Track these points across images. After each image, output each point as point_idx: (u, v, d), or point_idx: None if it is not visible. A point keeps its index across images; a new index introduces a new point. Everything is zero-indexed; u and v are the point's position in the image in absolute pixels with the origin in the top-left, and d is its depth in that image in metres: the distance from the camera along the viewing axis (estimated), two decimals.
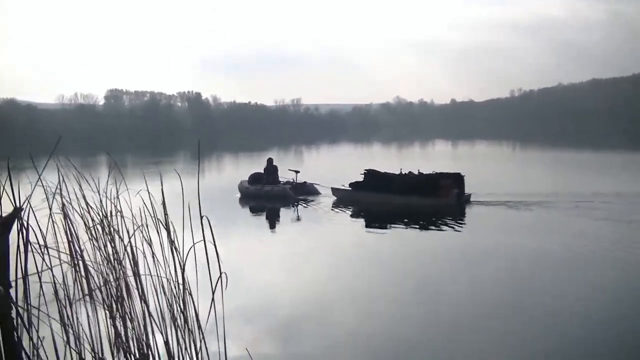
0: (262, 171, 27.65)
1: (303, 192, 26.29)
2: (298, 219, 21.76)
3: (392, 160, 50.38)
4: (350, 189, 24.99)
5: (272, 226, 21.07)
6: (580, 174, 35.94)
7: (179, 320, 4.79)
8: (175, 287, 4.88)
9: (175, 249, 4.82)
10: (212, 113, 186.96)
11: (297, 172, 27.40)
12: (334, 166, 26.59)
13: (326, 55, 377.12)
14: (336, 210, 22.97)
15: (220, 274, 4.50)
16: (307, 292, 11.84)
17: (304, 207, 23.84)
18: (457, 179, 23.24)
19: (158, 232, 4.98)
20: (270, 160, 28.12)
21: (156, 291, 4.95)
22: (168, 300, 4.87)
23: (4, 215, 4.17)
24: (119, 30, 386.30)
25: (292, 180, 27.08)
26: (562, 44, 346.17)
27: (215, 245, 4.62)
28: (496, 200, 22.83)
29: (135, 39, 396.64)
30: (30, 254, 4.23)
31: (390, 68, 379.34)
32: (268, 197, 25.38)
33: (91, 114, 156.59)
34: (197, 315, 4.73)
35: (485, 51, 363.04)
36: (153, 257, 5.06)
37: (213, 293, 4.42)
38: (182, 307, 4.72)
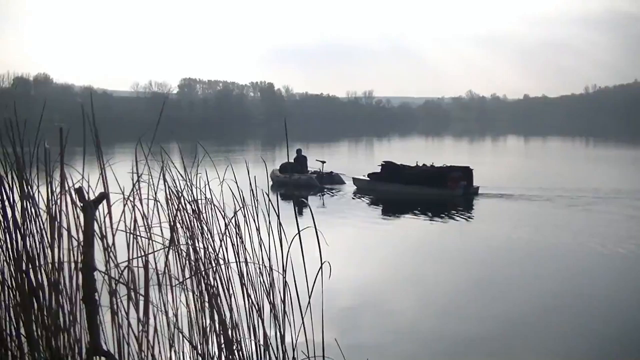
0: (293, 161, 29.27)
1: (329, 181, 28.02)
2: (323, 205, 23.24)
3: (457, 154, 50.48)
4: (368, 179, 26.73)
5: (300, 213, 21.80)
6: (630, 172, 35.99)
7: (277, 311, 4.72)
8: (267, 277, 4.86)
9: (280, 237, 4.73)
10: (285, 103, 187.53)
11: (323, 162, 29.30)
12: (398, 157, 27.73)
13: (394, 48, 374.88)
14: (356, 199, 24.67)
15: (322, 263, 4.46)
16: (360, 282, 12.28)
17: (330, 195, 25.54)
18: (466, 172, 24.70)
19: (247, 221, 4.98)
20: (299, 151, 30.05)
21: (251, 280, 4.91)
22: (266, 290, 4.84)
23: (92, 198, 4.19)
24: (192, 21, 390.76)
25: (319, 170, 28.86)
26: (636, 39, 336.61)
27: (317, 232, 4.52)
28: (504, 193, 24.08)
29: (207, 29, 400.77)
30: (122, 238, 4.35)
31: (461, 62, 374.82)
32: (296, 185, 26.62)
33: (164, 102, 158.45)
34: (299, 302, 4.63)
35: (558, 46, 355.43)
36: (244, 245, 5.04)
37: (313, 283, 4.39)
38: (282, 296, 4.66)
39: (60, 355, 4.12)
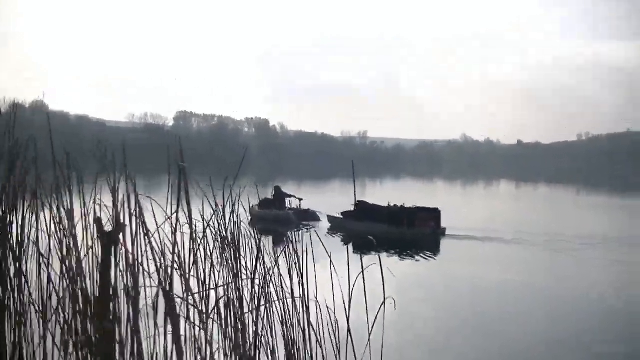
0: (272, 197, 30.60)
1: (305, 218, 29.08)
2: (299, 241, 23.45)
3: (443, 196, 51.06)
4: (342, 217, 27.78)
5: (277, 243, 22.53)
6: (594, 218, 37.07)
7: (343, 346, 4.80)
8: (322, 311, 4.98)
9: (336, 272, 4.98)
10: (279, 140, 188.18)
11: (300, 199, 30.47)
12: (385, 199, 28.58)
13: (389, 90, 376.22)
14: (330, 235, 25.19)
15: (385, 298, 4.60)
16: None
17: (305, 231, 25.39)
18: (435, 213, 26.03)
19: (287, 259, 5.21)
20: (277, 188, 31.23)
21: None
22: (322, 324, 4.96)
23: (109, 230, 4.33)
24: (190, 56, 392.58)
25: (297, 207, 30.13)
26: (629, 89, 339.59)
27: (382, 268, 4.65)
28: (470, 235, 25.01)
29: (205, 64, 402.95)
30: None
31: (455, 106, 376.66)
32: (274, 220, 27.45)
33: (160, 134, 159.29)
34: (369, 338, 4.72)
35: (552, 93, 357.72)
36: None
37: (375, 319, 4.55)
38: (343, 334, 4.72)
39: None
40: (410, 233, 25.40)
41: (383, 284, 4.66)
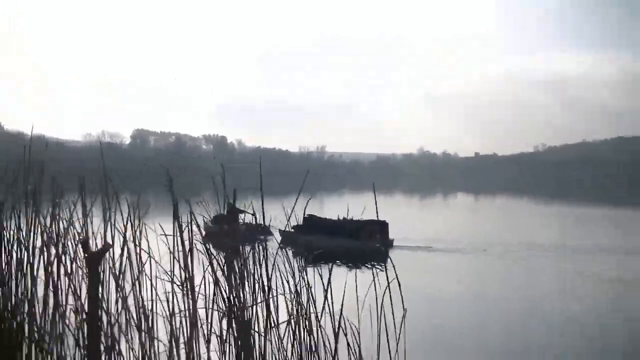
0: (225, 213, 30.12)
1: (258, 232, 28.45)
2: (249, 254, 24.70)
3: (397, 208, 51.30)
4: (292, 230, 27.26)
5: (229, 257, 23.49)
6: (548, 227, 37.65)
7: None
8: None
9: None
10: (237, 157, 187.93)
11: (253, 214, 29.81)
12: (342, 212, 29.16)
13: (345, 106, 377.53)
14: (282, 248, 25.24)
15: (405, 310, 4.90)
16: None
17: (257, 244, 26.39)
18: (381, 226, 26.68)
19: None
20: (230, 204, 30.72)
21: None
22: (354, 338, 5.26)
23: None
24: (146, 72, 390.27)
25: (249, 222, 29.49)
26: (580, 101, 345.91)
27: (398, 281, 5.00)
28: (421, 245, 26.22)
29: (162, 80, 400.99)
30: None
31: (412, 120, 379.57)
32: (227, 235, 27.28)
33: (118, 152, 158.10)
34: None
35: (508, 106, 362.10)
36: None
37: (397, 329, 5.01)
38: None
39: None
40: (357, 245, 25.89)
41: (401, 297, 5.24)
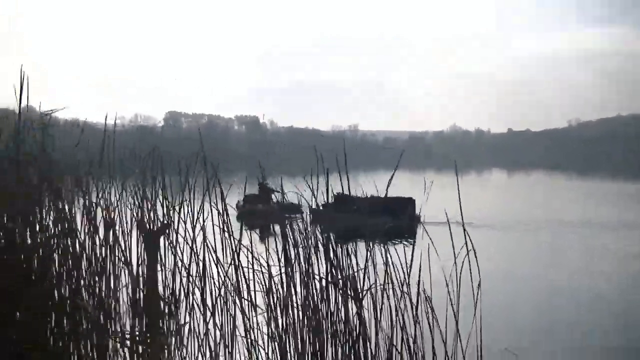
0: (258, 192, 32.99)
1: (287, 211, 28.78)
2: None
3: (432, 187, 51.21)
4: (322, 208, 27.50)
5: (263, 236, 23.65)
6: (576, 203, 37.59)
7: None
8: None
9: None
10: (270, 137, 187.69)
11: (284, 193, 30.17)
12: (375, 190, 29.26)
13: (377, 83, 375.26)
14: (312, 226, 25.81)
15: (480, 283, 4.92)
16: None
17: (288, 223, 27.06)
18: (409, 203, 27.82)
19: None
20: (261, 184, 32.45)
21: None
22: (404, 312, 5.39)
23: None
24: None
25: (281, 201, 30.03)
26: (617, 74, 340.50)
27: (475, 254, 4.98)
28: (445, 221, 25.39)
29: (194, 61, 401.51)
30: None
31: (443, 97, 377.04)
32: (259, 215, 27.88)
33: (151, 136, 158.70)
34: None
35: (539, 83, 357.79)
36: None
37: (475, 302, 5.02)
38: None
39: None
40: (387, 221, 25.91)
41: (478, 270, 5.32)
